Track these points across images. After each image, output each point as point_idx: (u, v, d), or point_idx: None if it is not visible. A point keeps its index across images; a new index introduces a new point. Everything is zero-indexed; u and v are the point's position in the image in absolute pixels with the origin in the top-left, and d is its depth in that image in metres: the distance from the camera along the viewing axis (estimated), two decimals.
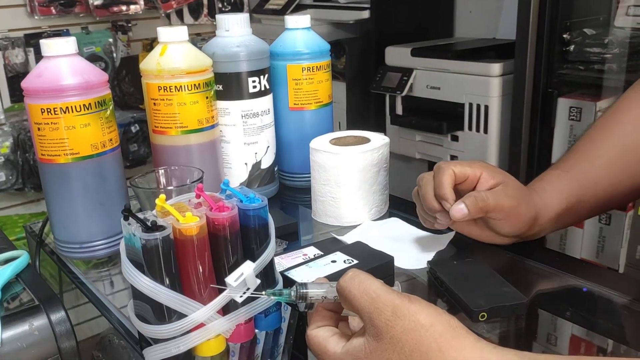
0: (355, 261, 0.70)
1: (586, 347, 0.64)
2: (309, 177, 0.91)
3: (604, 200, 0.72)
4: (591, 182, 0.70)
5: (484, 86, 1.57)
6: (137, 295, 0.55)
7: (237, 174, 0.95)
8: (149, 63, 0.83)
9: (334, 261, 0.71)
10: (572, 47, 1.44)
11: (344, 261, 0.70)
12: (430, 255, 0.77)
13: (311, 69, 0.97)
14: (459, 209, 0.66)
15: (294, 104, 0.99)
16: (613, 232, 1.32)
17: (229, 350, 0.60)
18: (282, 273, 0.67)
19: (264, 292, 0.54)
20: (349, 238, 0.81)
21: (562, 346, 0.64)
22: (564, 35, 1.44)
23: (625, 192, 0.72)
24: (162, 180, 0.79)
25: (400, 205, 0.95)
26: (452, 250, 0.79)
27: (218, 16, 0.91)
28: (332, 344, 0.48)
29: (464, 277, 0.69)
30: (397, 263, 0.73)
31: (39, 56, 1.74)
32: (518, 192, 0.69)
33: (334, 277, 0.64)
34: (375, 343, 0.44)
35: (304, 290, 0.50)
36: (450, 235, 0.80)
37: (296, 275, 0.68)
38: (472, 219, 0.69)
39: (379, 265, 0.70)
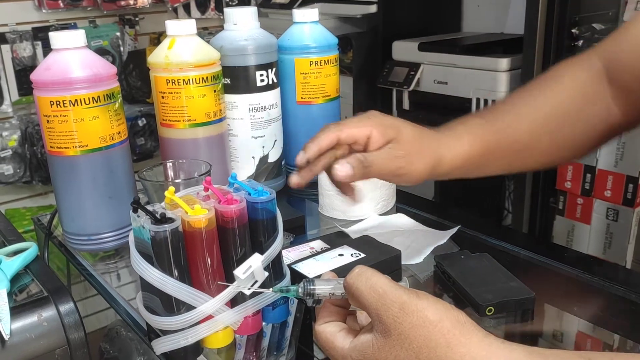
0: (363, 255, 0.70)
1: (593, 343, 0.64)
2: None
3: (516, 158, 0.71)
4: (510, 136, 0.69)
5: (491, 81, 1.56)
6: (146, 287, 0.55)
7: (244, 167, 0.95)
8: (157, 56, 0.83)
9: (341, 255, 0.71)
10: (580, 42, 1.43)
11: (351, 255, 0.70)
12: (429, 250, 0.76)
13: (319, 63, 0.97)
14: (344, 169, 0.61)
15: (302, 97, 0.99)
16: (620, 229, 1.32)
17: (236, 342, 0.61)
18: (289, 266, 0.67)
19: (271, 289, 0.54)
20: (354, 231, 0.81)
21: (569, 341, 0.64)
22: (573, 30, 1.43)
23: (540, 155, 0.72)
24: (170, 173, 0.79)
25: (407, 199, 0.95)
26: (459, 245, 0.79)
27: (226, 9, 0.91)
28: (339, 339, 0.48)
29: (472, 272, 0.69)
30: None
31: (46, 50, 1.75)
32: (411, 145, 0.65)
33: (342, 270, 0.64)
34: (383, 339, 0.44)
35: (312, 287, 0.50)
36: (453, 230, 0.80)
37: (304, 268, 0.68)
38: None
39: (386, 259, 0.70)
